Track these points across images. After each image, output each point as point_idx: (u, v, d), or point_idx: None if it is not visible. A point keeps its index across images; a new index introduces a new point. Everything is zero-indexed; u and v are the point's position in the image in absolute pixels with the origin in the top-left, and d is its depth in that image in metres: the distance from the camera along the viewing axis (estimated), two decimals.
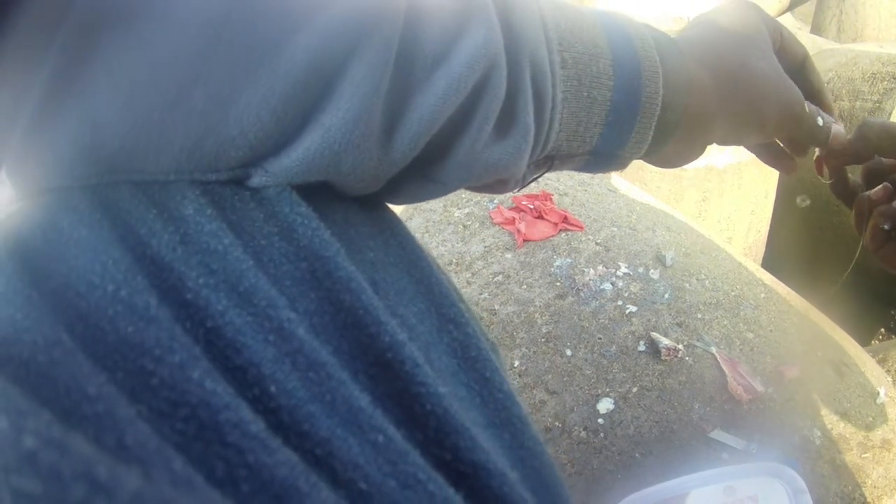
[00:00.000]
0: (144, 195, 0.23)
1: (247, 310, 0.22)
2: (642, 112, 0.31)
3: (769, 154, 0.44)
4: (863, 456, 0.68)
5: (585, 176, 1.08)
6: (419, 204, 1.04)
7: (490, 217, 0.97)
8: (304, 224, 0.25)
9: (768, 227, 1.54)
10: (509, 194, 0.99)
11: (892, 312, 1.45)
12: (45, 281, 0.21)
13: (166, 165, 0.24)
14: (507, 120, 0.28)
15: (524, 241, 0.91)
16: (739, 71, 0.34)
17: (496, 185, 0.32)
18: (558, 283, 0.84)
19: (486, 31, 0.26)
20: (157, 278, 0.22)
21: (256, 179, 0.25)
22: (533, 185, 1.02)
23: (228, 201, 0.25)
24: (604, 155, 0.32)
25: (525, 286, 0.85)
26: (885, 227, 0.41)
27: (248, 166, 0.25)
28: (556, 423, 0.70)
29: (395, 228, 0.30)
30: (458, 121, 0.27)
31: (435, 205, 1.02)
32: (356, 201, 0.29)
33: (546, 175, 1.05)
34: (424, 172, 0.29)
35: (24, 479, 0.13)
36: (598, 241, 0.90)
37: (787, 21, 2.76)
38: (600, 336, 0.77)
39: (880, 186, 0.43)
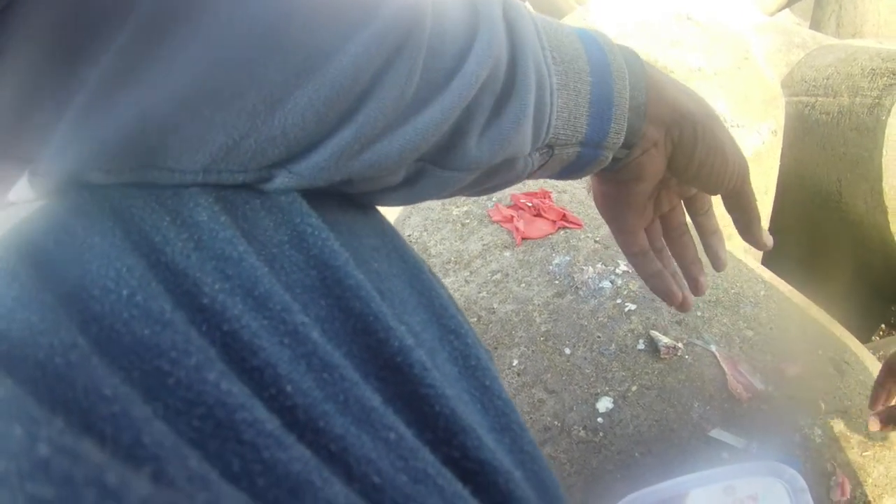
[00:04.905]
0: (157, 203, 0.24)
1: (262, 314, 0.23)
2: (616, 103, 0.35)
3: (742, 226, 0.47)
4: (863, 454, 0.67)
5: None
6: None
7: (488, 215, 0.96)
8: (314, 234, 0.26)
9: (768, 224, 1.53)
10: (507, 192, 0.99)
11: (893, 308, 1.45)
12: (60, 284, 0.21)
13: (201, 163, 0.25)
14: (506, 95, 0.31)
15: (523, 238, 0.91)
16: (694, 95, 0.39)
17: (506, 174, 0.34)
18: (557, 282, 0.84)
19: (491, 36, 0.29)
20: (171, 284, 0.22)
21: (279, 181, 0.26)
22: (531, 182, 1.02)
23: (240, 209, 0.26)
24: (591, 146, 0.36)
25: (524, 284, 0.85)
26: None
27: (275, 167, 0.26)
28: (555, 423, 0.70)
29: (396, 242, 0.31)
30: (467, 111, 0.29)
31: (433, 203, 1.02)
32: (360, 215, 0.31)
33: None
34: (439, 163, 0.31)
35: (37, 485, 0.13)
36: (597, 238, 0.90)
37: (786, 17, 2.75)
38: (599, 334, 0.77)
39: None
